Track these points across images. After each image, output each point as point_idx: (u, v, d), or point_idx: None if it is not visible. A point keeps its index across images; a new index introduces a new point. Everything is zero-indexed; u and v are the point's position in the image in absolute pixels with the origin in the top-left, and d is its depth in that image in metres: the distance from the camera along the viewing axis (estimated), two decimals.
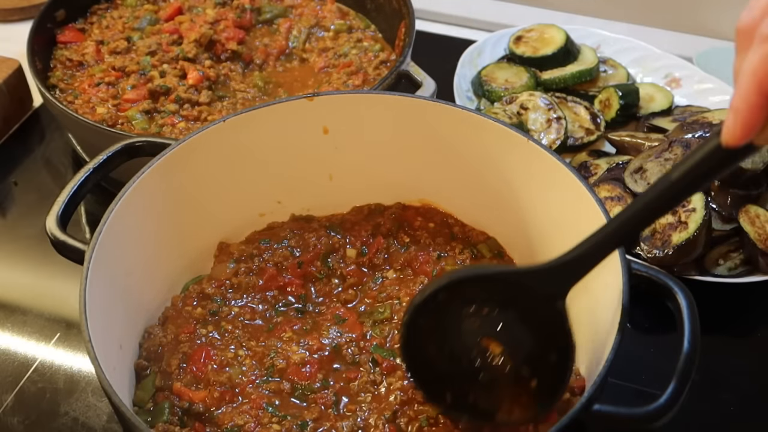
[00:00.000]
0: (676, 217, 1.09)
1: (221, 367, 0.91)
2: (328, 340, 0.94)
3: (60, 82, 1.34)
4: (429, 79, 1.23)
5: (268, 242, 1.04)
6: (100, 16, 1.47)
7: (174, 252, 1.00)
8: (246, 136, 1.01)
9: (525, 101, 1.29)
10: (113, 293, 0.89)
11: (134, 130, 1.24)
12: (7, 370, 1.07)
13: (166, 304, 1.00)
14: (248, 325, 0.97)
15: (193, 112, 1.27)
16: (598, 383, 0.74)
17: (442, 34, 1.59)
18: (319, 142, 1.04)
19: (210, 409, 0.88)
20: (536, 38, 1.41)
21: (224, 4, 1.46)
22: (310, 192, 1.08)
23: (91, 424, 1.01)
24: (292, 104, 1.01)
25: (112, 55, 1.37)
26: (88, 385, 1.05)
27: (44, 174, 1.36)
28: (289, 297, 1.00)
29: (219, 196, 1.03)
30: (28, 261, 1.22)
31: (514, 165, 0.97)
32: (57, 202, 0.92)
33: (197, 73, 1.31)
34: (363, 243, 1.04)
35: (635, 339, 1.05)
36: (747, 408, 1.01)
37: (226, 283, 1.00)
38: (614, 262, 0.81)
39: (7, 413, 1.02)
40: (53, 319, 1.13)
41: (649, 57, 1.43)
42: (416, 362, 0.85)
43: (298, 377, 0.90)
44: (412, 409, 0.87)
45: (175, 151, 0.96)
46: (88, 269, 0.84)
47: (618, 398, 0.90)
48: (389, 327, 0.95)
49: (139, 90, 1.30)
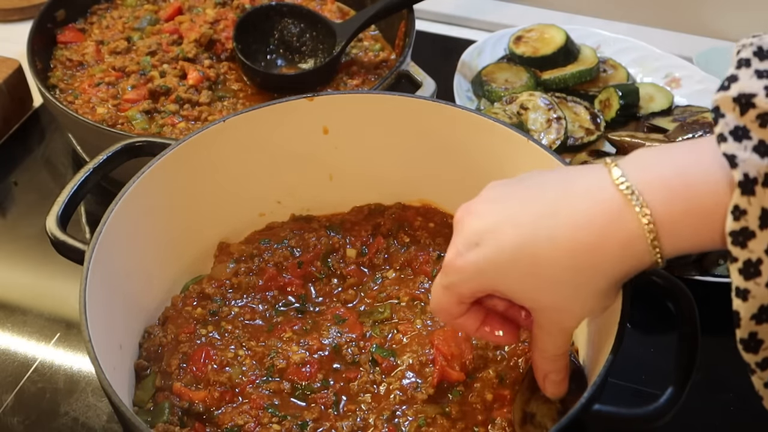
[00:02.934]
0: None
1: (221, 367, 0.91)
2: (328, 340, 0.94)
3: (60, 82, 1.34)
4: (429, 79, 1.23)
5: (268, 242, 1.05)
6: (100, 16, 1.47)
7: (174, 252, 1.00)
8: (246, 136, 1.01)
9: (525, 101, 1.29)
10: (113, 293, 0.89)
11: (134, 130, 1.24)
12: (7, 370, 1.07)
13: (166, 304, 1.00)
14: (248, 325, 0.97)
15: (193, 112, 1.27)
16: (598, 383, 0.74)
17: (442, 34, 1.59)
18: (319, 142, 1.04)
19: (210, 409, 0.88)
20: (536, 38, 1.41)
21: (224, 4, 1.46)
22: (310, 192, 1.08)
23: (91, 424, 1.01)
24: (292, 104, 1.01)
25: (112, 55, 1.37)
26: (88, 385, 1.05)
27: (44, 174, 1.36)
28: (289, 297, 1.00)
29: (219, 196, 1.03)
30: (28, 261, 1.22)
31: (514, 165, 0.97)
32: (57, 202, 0.92)
33: (197, 73, 1.32)
34: (363, 243, 1.04)
35: (635, 339, 1.05)
36: (747, 408, 1.01)
37: (226, 283, 1.00)
38: None
39: (7, 413, 1.02)
40: (53, 319, 1.13)
41: (649, 57, 1.43)
42: None
43: (298, 377, 0.91)
44: (411, 409, 0.87)
45: (175, 151, 0.96)
46: (88, 269, 0.84)
47: (618, 398, 0.90)
48: (389, 327, 0.95)
49: (139, 90, 1.30)
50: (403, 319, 0.96)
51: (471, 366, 0.90)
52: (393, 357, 0.92)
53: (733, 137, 0.60)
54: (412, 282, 1.00)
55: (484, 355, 0.91)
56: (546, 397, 0.82)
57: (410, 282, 1.00)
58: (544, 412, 0.81)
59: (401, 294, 0.98)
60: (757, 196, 0.59)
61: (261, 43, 1.37)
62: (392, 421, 0.86)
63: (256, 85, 1.34)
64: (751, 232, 0.60)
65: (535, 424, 0.81)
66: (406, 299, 0.97)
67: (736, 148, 0.60)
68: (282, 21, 1.38)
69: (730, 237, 0.60)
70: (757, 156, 0.59)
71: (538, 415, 0.82)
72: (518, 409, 0.84)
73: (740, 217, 0.60)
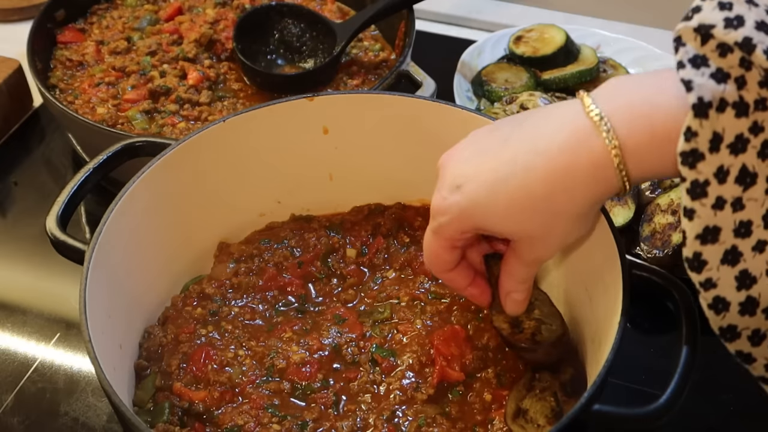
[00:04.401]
0: (676, 217, 1.09)
1: (221, 367, 0.91)
2: (328, 340, 0.94)
3: (60, 82, 1.34)
4: (429, 79, 1.23)
5: (268, 242, 1.05)
6: (100, 16, 1.47)
7: (174, 252, 1.00)
8: (246, 136, 1.01)
9: (525, 101, 1.29)
10: (113, 293, 0.89)
11: (134, 130, 1.24)
12: (7, 370, 1.07)
13: (166, 304, 1.00)
14: (248, 325, 0.97)
15: (194, 112, 1.27)
16: (598, 383, 0.74)
17: (442, 34, 1.59)
18: (319, 142, 1.04)
19: (210, 409, 0.88)
20: (536, 38, 1.41)
21: (224, 4, 1.46)
22: (310, 192, 1.08)
23: (91, 424, 1.01)
24: (292, 104, 1.01)
25: (112, 55, 1.37)
26: (88, 385, 1.05)
27: (44, 174, 1.36)
28: (289, 297, 1.00)
29: (219, 196, 1.03)
30: (28, 261, 1.22)
31: None
32: (57, 202, 0.92)
33: (197, 73, 1.32)
34: (363, 243, 1.04)
35: (635, 339, 1.05)
36: (747, 408, 1.01)
37: (226, 283, 1.00)
38: (614, 262, 0.81)
39: (7, 413, 1.02)
40: (53, 319, 1.13)
41: (649, 57, 1.43)
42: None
43: (298, 377, 0.91)
44: (411, 409, 0.87)
45: (175, 151, 0.96)
46: (88, 269, 0.84)
47: (618, 398, 0.90)
48: (389, 327, 0.95)
49: (139, 90, 1.30)
50: (403, 319, 0.96)
51: (470, 366, 0.90)
52: (393, 357, 0.92)
53: (691, 64, 0.63)
54: (412, 282, 1.00)
55: (484, 355, 0.91)
56: (540, 395, 0.83)
57: (410, 282, 1.00)
58: (537, 409, 0.83)
59: (401, 294, 0.98)
60: (710, 120, 0.62)
61: (261, 43, 1.37)
62: (392, 421, 0.86)
63: (256, 85, 1.34)
64: (700, 153, 0.62)
65: (527, 419, 0.83)
66: (406, 299, 0.97)
67: (693, 74, 0.62)
68: (282, 21, 1.38)
69: (680, 157, 0.63)
70: (713, 81, 0.62)
71: (531, 411, 0.83)
72: (512, 404, 0.85)
73: (691, 139, 0.62)
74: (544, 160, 0.70)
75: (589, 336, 0.89)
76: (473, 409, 0.88)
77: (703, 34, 0.63)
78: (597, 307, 0.86)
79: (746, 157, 0.63)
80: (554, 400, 0.83)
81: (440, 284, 0.98)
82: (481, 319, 0.94)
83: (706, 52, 0.63)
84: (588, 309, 0.89)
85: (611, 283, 0.82)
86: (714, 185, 0.63)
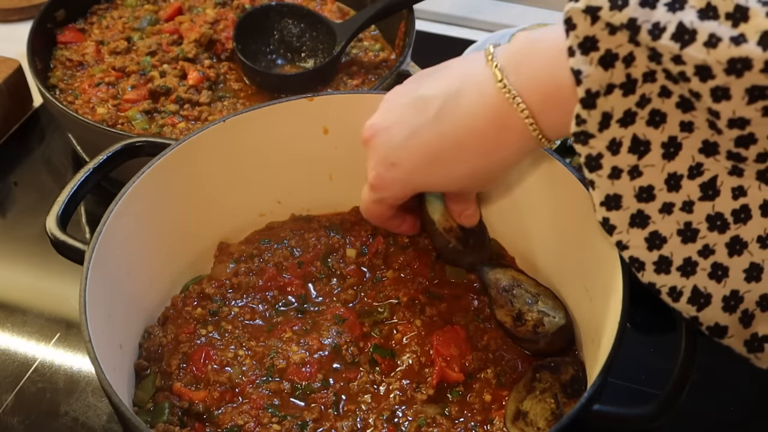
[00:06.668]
0: None
1: (221, 367, 0.91)
2: (328, 340, 0.94)
3: (60, 82, 1.34)
4: None
5: (268, 242, 1.05)
6: (100, 17, 1.47)
7: (174, 252, 1.00)
8: (246, 136, 1.01)
9: None
10: (113, 293, 0.89)
11: (134, 130, 1.24)
12: (7, 370, 1.07)
13: (166, 304, 1.00)
14: (248, 325, 0.97)
15: (194, 112, 1.27)
16: (598, 383, 0.74)
17: (442, 34, 1.59)
18: (319, 142, 1.04)
19: (210, 409, 0.88)
20: None
21: (224, 4, 1.46)
22: (310, 192, 1.08)
23: (91, 424, 1.01)
24: (292, 104, 1.01)
25: (112, 55, 1.37)
26: (88, 385, 1.05)
27: (44, 174, 1.36)
28: (289, 297, 1.00)
29: (219, 196, 1.03)
30: (28, 261, 1.22)
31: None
32: (57, 202, 0.92)
33: (197, 73, 1.32)
34: (363, 243, 1.04)
35: (635, 339, 1.05)
36: (747, 408, 1.01)
37: (226, 283, 1.00)
38: (614, 263, 0.81)
39: (7, 413, 1.02)
40: (53, 319, 1.13)
41: None
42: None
43: (298, 377, 0.91)
44: (411, 409, 0.87)
45: (175, 151, 0.96)
46: (88, 269, 0.84)
47: (618, 398, 0.90)
48: (389, 327, 0.95)
49: (139, 90, 1.30)
50: (403, 319, 0.96)
51: (470, 367, 0.90)
52: (393, 357, 0.92)
53: (581, 50, 0.66)
54: (412, 282, 1.00)
55: (484, 356, 0.91)
56: (541, 397, 0.84)
57: (410, 282, 1.00)
58: (537, 412, 0.83)
59: (401, 294, 0.98)
60: (598, 108, 0.67)
61: (261, 43, 1.37)
62: (392, 421, 0.86)
63: (256, 85, 1.34)
64: (590, 134, 0.68)
65: (526, 422, 0.83)
66: (406, 299, 0.97)
67: (582, 62, 0.66)
68: (282, 21, 1.38)
69: (573, 137, 0.69)
70: (601, 69, 0.65)
71: (531, 413, 0.84)
72: (512, 405, 0.85)
73: (581, 124, 0.68)
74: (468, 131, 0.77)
75: (589, 336, 0.89)
76: (473, 410, 0.88)
77: (592, 16, 0.65)
78: (597, 307, 0.86)
79: (636, 127, 0.67)
80: (554, 401, 0.83)
81: (440, 284, 0.99)
82: (481, 320, 0.94)
83: (596, 32, 0.65)
84: (588, 309, 0.89)
85: (611, 283, 0.82)
86: (608, 157, 0.68)
